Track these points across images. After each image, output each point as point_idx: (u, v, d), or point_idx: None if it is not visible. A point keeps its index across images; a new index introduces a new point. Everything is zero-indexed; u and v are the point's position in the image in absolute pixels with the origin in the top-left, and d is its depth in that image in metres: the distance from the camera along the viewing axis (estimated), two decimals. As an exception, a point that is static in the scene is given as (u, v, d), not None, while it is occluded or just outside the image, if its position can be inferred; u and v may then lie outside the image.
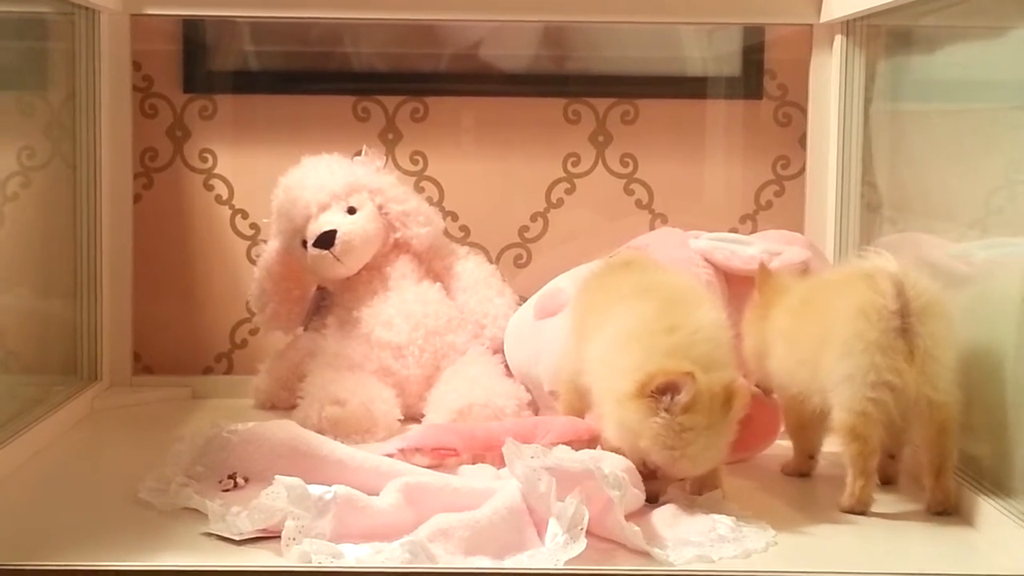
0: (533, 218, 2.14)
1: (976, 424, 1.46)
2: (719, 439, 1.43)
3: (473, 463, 1.57)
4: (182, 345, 2.13)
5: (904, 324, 1.41)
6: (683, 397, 1.38)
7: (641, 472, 1.43)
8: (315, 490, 1.31)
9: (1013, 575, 1.28)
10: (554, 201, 2.14)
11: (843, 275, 1.52)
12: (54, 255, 1.94)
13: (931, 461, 1.45)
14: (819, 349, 1.48)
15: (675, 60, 2.15)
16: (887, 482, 1.56)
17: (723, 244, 1.80)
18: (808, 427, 1.59)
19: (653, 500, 1.44)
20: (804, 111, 2.07)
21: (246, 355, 2.13)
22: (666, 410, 1.39)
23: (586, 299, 1.65)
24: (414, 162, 2.13)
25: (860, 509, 1.45)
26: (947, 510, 1.45)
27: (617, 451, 1.46)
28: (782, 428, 1.70)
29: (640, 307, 1.50)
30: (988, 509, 1.39)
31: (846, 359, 1.43)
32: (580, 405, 1.63)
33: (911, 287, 1.42)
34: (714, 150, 2.14)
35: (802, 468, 1.62)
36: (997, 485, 1.42)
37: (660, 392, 1.39)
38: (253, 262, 2.09)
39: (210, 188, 2.13)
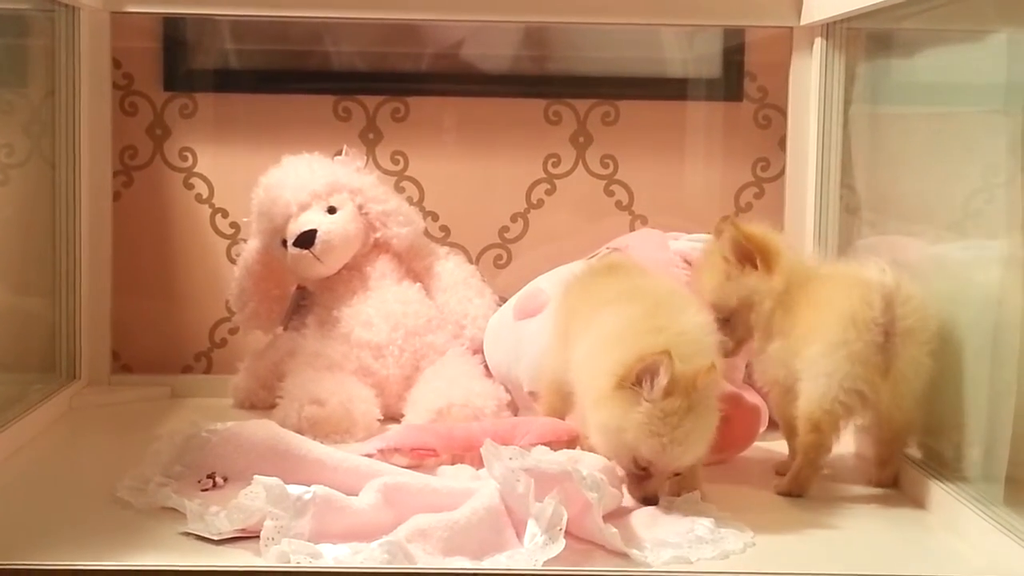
0: (513, 219, 2.14)
1: (936, 417, 1.54)
2: (701, 422, 1.42)
3: (452, 463, 1.58)
4: (161, 344, 2.12)
5: (887, 341, 1.48)
6: (662, 378, 1.38)
7: (634, 474, 1.44)
8: (294, 490, 1.31)
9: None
10: (534, 202, 2.14)
11: (841, 277, 1.55)
12: (33, 253, 1.94)
13: (880, 454, 1.57)
14: (804, 339, 1.53)
15: (656, 62, 2.15)
16: None
17: (703, 245, 1.80)
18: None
19: (653, 501, 1.44)
20: (784, 113, 2.08)
21: (225, 354, 2.12)
22: (647, 399, 1.39)
23: (570, 303, 1.65)
24: (395, 162, 2.13)
25: (797, 492, 1.53)
26: (886, 488, 1.57)
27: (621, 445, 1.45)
28: (762, 429, 1.71)
29: (625, 310, 1.50)
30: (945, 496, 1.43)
31: (827, 358, 1.49)
32: (562, 407, 1.64)
33: (900, 306, 1.48)
34: (694, 152, 2.15)
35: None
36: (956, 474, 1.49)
37: (639, 381, 1.39)
38: (233, 261, 2.08)
39: (190, 187, 2.12)
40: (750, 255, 1.59)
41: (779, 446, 1.68)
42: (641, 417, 1.40)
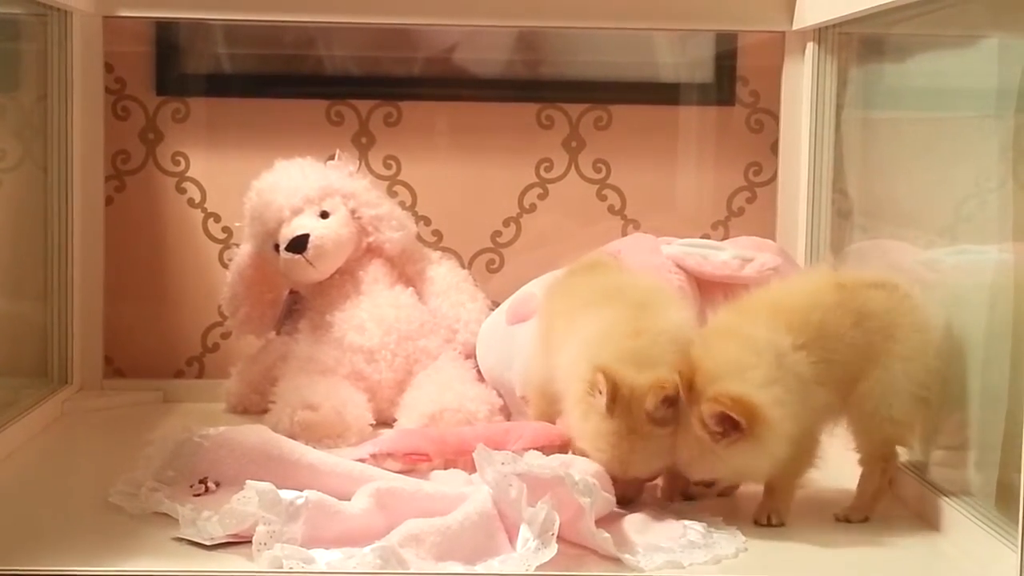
0: (506, 223, 2.14)
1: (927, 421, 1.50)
2: (649, 442, 1.41)
3: (445, 468, 1.58)
4: (153, 348, 2.12)
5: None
6: (602, 398, 1.39)
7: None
8: (286, 495, 1.31)
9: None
10: (527, 206, 2.14)
11: (849, 283, 1.49)
12: (25, 257, 1.94)
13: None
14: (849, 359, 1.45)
15: (648, 66, 2.15)
16: None
17: (695, 250, 1.81)
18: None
19: (623, 503, 1.44)
20: (776, 118, 2.08)
21: (218, 359, 2.12)
22: (596, 412, 1.40)
23: (552, 305, 1.65)
24: (387, 166, 2.13)
25: (870, 514, 1.47)
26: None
27: (586, 455, 1.46)
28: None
29: (605, 313, 1.50)
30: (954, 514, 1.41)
31: (905, 373, 1.44)
32: (551, 411, 1.64)
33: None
34: (686, 156, 2.15)
35: None
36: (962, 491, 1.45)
37: (602, 392, 1.40)
38: (225, 266, 2.08)
39: (182, 191, 2.12)
40: (735, 423, 1.37)
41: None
42: (592, 431, 1.42)
